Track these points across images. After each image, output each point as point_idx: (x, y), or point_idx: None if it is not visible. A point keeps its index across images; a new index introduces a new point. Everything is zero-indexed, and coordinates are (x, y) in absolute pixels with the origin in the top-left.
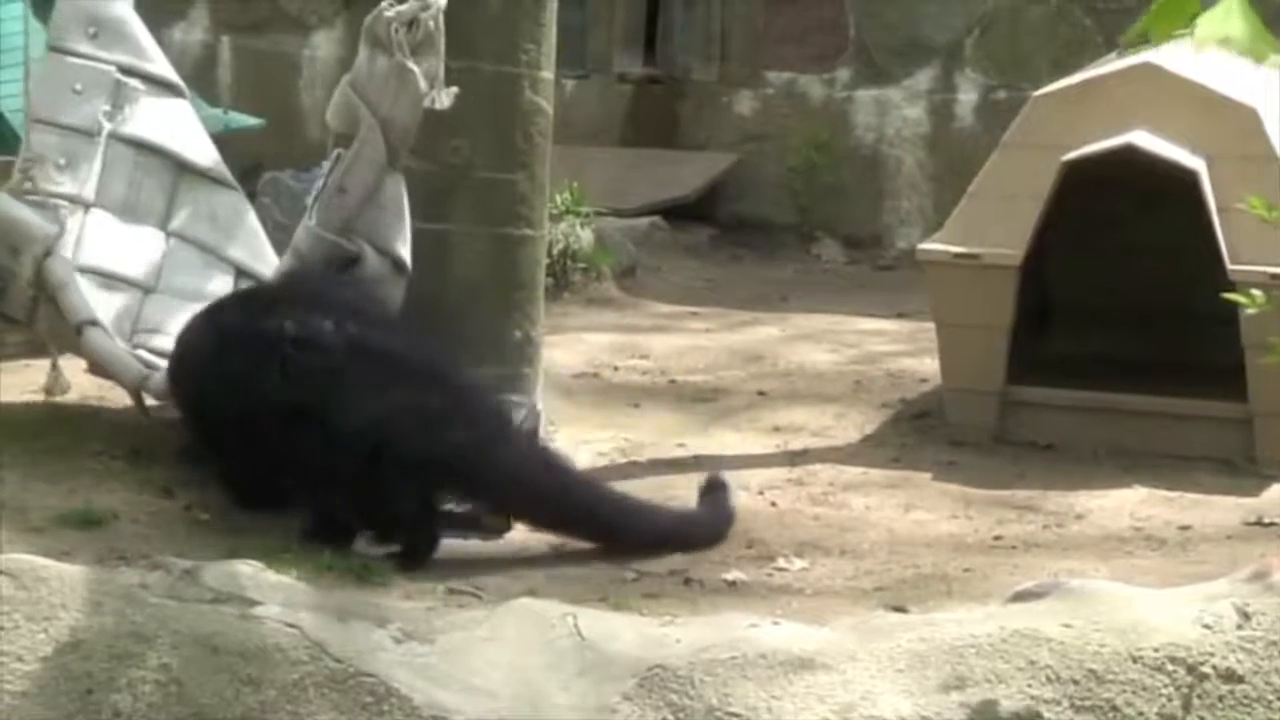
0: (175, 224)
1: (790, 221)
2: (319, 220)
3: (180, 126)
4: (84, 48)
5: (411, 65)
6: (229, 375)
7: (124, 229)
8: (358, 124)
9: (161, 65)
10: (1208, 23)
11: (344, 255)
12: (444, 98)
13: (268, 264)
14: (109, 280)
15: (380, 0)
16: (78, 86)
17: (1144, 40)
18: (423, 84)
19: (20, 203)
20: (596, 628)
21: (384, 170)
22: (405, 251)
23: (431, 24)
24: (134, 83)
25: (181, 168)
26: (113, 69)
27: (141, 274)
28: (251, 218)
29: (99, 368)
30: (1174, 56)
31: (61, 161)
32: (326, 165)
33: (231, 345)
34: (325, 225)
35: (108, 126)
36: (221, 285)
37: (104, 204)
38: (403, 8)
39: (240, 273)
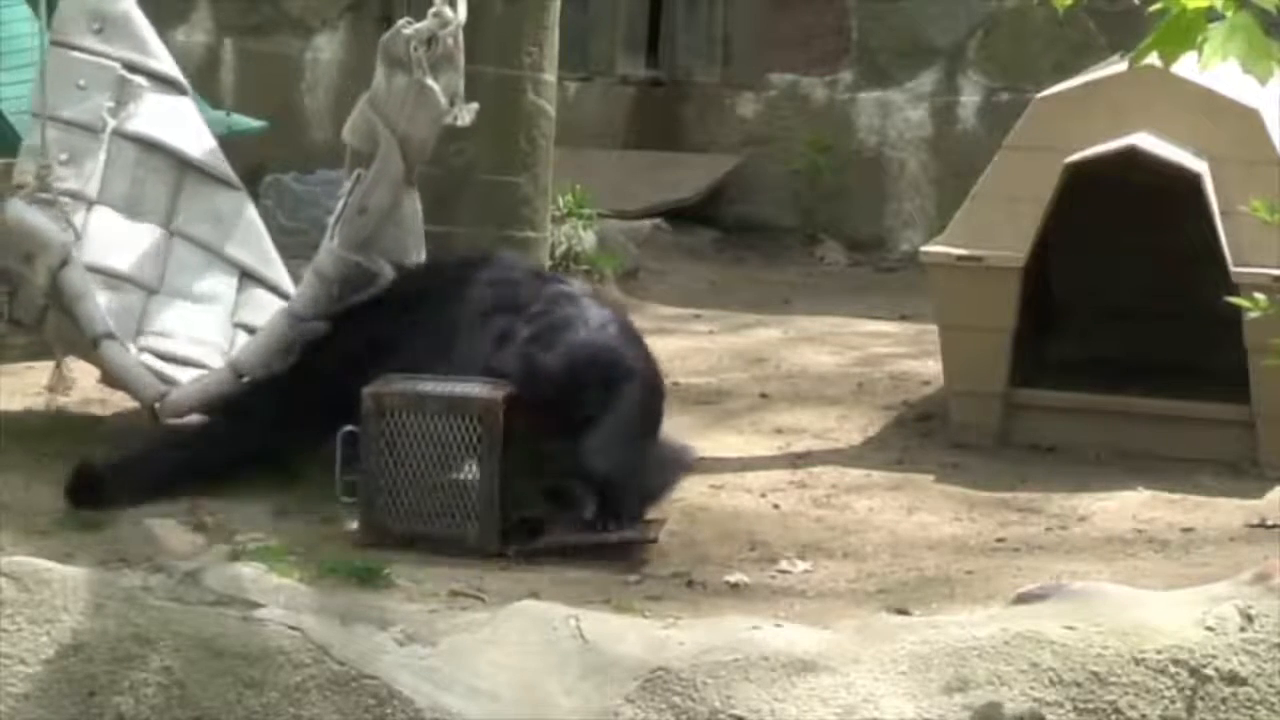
0: (178, 223)
1: (793, 224)
2: (341, 241)
3: (183, 124)
4: (88, 43)
5: (431, 82)
6: None
7: (127, 227)
8: (375, 142)
9: (165, 62)
10: (1213, 44)
11: (364, 273)
12: (465, 114)
13: (272, 266)
14: (112, 279)
15: (380, 10)
16: (81, 82)
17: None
18: (443, 100)
19: (34, 209)
20: (599, 630)
21: (401, 187)
22: None
23: (450, 41)
24: (138, 79)
25: (184, 166)
26: (117, 65)
27: (145, 273)
28: (255, 218)
29: (113, 380)
30: None
31: (64, 157)
32: (347, 184)
33: None
34: (347, 245)
35: (111, 123)
36: (224, 286)
37: (107, 201)
38: (421, 25)
39: (244, 274)
